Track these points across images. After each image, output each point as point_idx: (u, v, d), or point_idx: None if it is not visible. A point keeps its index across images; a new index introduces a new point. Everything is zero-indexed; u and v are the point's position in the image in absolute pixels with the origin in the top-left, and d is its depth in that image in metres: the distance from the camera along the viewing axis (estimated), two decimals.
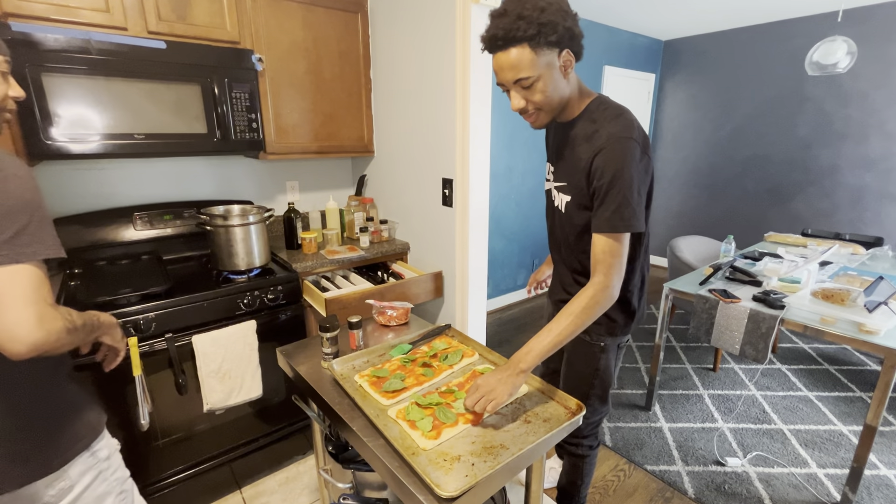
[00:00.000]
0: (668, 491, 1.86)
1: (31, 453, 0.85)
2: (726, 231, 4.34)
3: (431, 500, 0.74)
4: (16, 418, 0.84)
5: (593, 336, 1.24)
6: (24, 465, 0.84)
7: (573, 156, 1.09)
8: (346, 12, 2.08)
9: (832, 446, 2.10)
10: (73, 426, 0.91)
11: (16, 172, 0.77)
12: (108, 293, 1.49)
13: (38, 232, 0.78)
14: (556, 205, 1.20)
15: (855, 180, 3.60)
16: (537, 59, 0.95)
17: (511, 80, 0.99)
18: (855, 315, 1.71)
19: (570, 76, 1.03)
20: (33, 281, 0.76)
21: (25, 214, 0.77)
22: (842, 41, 2.26)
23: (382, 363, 1.15)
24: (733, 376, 2.70)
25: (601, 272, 1.03)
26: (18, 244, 0.76)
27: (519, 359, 0.99)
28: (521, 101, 1.02)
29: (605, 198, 1.01)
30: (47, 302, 0.78)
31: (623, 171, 0.98)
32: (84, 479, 0.92)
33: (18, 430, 0.84)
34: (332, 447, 1.18)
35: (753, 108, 4.04)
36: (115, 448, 1.03)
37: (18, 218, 0.76)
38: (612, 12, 3.57)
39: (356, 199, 2.43)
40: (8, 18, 1.39)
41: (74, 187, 1.82)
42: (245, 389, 1.66)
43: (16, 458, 0.83)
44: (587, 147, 1.04)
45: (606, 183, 1.00)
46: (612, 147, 0.99)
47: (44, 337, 0.76)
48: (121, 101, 1.53)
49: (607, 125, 1.02)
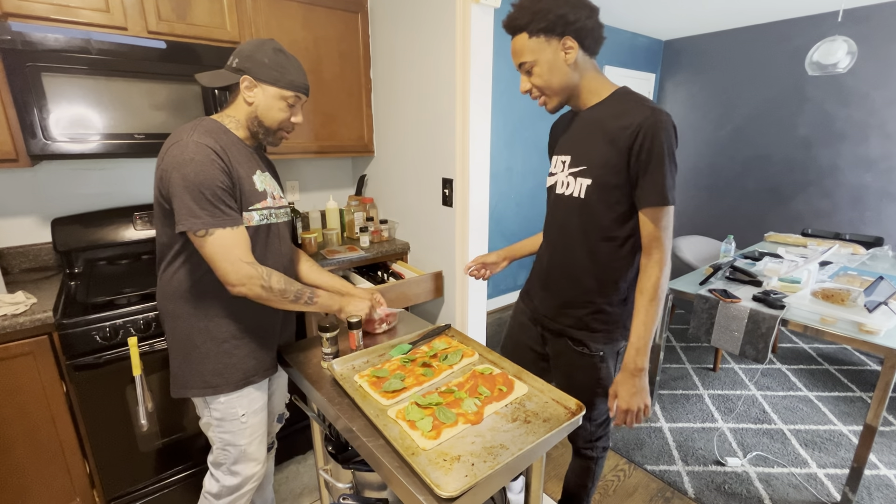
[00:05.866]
0: (668, 491, 1.86)
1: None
2: (726, 231, 4.34)
3: (431, 500, 0.74)
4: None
5: (592, 347, 1.21)
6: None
7: (601, 134, 1.07)
8: (346, 12, 2.08)
9: (832, 446, 2.10)
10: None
11: (192, 157, 1.00)
12: (108, 293, 1.49)
13: (207, 207, 1.01)
14: (570, 193, 1.15)
15: (855, 180, 3.60)
16: (533, 44, 1.04)
17: (516, 63, 1.09)
18: (855, 315, 1.71)
19: (575, 63, 1.05)
20: (221, 246, 1.02)
21: (195, 192, 1.00)
22: (842, 41, 2.26)
23: (382, 363, 1.15)
24: (733, 376, 2.70)
25: (660, 247, 1.04)
26: (194, 215, 1.00)
27: (632, 361, 1.08)
28: (525, 83, 1.11)
29: (657, 168, 1.00)
30: (242, 260, 1.04)
31: (669, 144, 0.99)
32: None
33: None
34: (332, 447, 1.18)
35: (753, 108, 4.04)
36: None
37: (191, 195, 1.00)
38: (612, 12, 3.57)
39: (356, 199, 2.43)
40: (8, 18, 1.39)
41: (74, 187, 1.82)
42: None
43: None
44: (622, 122, 1.03)
45: (657, 154, 0.99)
46: (658, 119, 0.98)
47: (239, 289, 1.05)
48: (121, 101, 1.53)
49: (643, 104, 1.03)
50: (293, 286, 1.12)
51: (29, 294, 1.49)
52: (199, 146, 1.01)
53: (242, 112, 1.14)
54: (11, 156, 1.46)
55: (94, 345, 1.43)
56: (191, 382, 1.18)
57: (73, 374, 1.42)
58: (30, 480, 1.46)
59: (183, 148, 1.01)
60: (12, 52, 1.33)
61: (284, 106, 1.14)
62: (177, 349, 1.19)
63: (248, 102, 1.12)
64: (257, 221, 1.14)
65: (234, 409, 1.21)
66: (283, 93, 1.13)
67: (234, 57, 1.13)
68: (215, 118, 1.14)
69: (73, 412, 1.48)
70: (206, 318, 1.15)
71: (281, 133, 1.19)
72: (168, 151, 1.03)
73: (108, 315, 1.43)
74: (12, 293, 1.47)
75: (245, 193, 1.10)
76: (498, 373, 1.10)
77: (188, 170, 0.99)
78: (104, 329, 1.43)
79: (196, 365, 1.17)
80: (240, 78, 1.10)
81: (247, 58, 1.10)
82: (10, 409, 1.38)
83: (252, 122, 1.14)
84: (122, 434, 1.53)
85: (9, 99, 1.41)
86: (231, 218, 1.04)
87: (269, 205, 1.17)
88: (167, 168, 1.01)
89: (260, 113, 1.13)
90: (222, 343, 1.17)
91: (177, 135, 1.05)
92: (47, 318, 1.38)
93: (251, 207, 1.12)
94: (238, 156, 1.10)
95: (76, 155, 1.49)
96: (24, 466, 1.44)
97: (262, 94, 1.12)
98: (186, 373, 1.18)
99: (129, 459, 1.57)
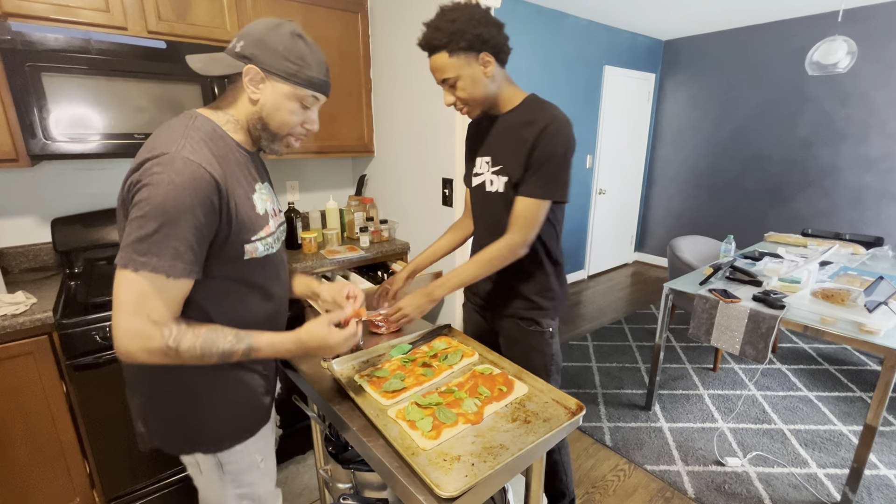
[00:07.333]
0: (668, 491, 1.86)
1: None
2: (726, 231, 4.34)
3: (431, 501, 0.74)
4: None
5: (544, 324, 1.33)
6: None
7: (516, 138, 1.20)
8: (346, 12, 2.09)
9: (832, 446, 2.10)
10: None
11: (172, 179, 0.74)
12: (108, 293, 1.48)
13: (160, 243, 0.74)
14: (494, 190, 1.28)
15: (855, 180, 3.60)
16: (455, 62, 1.13)
17: (439, 80, 1.18)
18: (855, 315, 1.71)
19: (493, 74, 1.17)
20: (137, 292, 0.74)
21: (155, 222, 0.73)
22: (842, 41, 2.26)
23: (382, 363, 1.15)
24: (733, 376, 2.70)
25: (519, 230, 1.19)
26: (136, 250, 0.74)
27: (433, 289, 1.22)
28: (449, 97, 1.20)
29: (543, 167, 1.16)
30: (150, 318, 0.75)
31: (561, 146, 1.15)
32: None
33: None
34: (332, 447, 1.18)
35: (753, 108, 4.04)
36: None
37: (147, 224, 0.73)
38: (612, 12, 3.57)
39: (356, 199, 2.43)
40: (8, 18, 1.39)
41: (74, 187, 1.82)
42: None
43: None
44: (530, 128, 1.17)
45: (548, 154, 1.15)
46: (556, 125, 1.15)
47: (132, 352, 0.76)
48: (121, 100, 1.53)
49: (547, 110, 1.18)
50: (217, 346, 0.81)
51: (29, 294, 1.49)
52: (189, 166, 0.76)
53: (243, 110, 0.89)
54: (11, 156, 1.46)
55: (94, 345, 1.43)
56: (200, 437, 0.94)
57: (73, 374, 1.42)
58: (30, 480, 1.46)
59: (168, 165, 0.75)
60: (12, 52, 1.33)
61: (298, 108, 0.90)
62: (167, 404, 0.92)
63: (252, 99, 0.88)
64: (261, 253, 0.91)
65: (253, 456, 1.00)
66: (298, 91, 0.88)
67: (238, 38, 0.87)
68: (209, 116, 0.89)
69: (73, 412, 1.49)
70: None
71: (288, 140, 0.95)
72: (148, 167, 0.75)
73: (109, 315, 1.43)
74: (12, 293, 1.47)
75: (244, 223, 0.86)
76: (498, 373, 1.10)
77: (159, 192, 0.73)
78: (104, 329, 1.43)
79: (202, 417, 0.93)
80: (244, 67, 0.85)
81: (256, 42, 0.85)
82: (11, 409, 1.38)
83: (255, 123, 0.90)
84: (122, 434, 1.53)
85: (9, 99, 1.41)
86: (175, 266, 0.75)
87: (272, 229, 0.94)
88: (142, 180, 0.75)
89: (266, 114, 0.89)
90: (238, 384, 0.95)
91: (163, 141, 0.79)
92: (47, 318, 1.38)
93: (254, 238, 0.88)
94: (237, 172, 0.87)
95: (76, 155, 1.49)
96: (24, 466, 1.44)
97: (270, 90, 0.87)
98: (190, 428, 0.93)
99: (129, 459, 1.56)
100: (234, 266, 0.87)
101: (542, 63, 3.58)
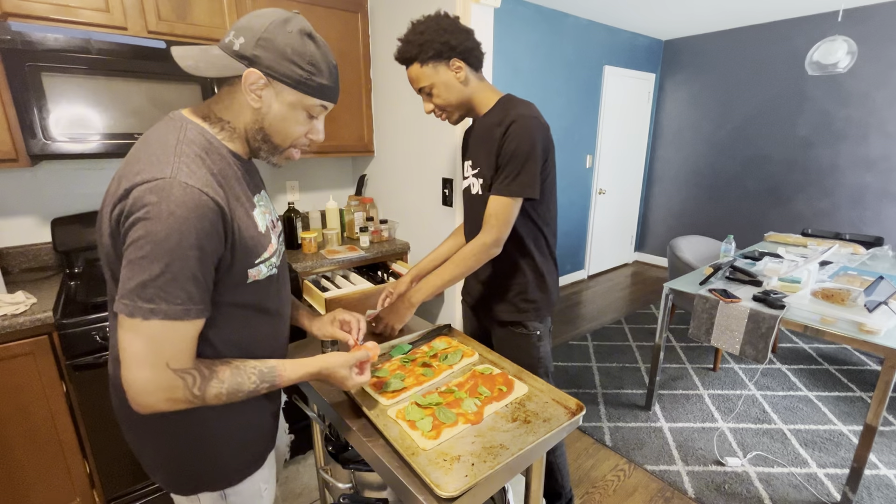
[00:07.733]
0: (668, 491, 1.86)
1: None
2: (726, 231, 4.34)
3: (431, 501, 0.74)
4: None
5: (530, 327, 1.34)
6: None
7: (489, 140, 1.23)
8: (346, 12, 2.08)
9: (832, 446, 2.10)
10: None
11: (172, 211, 0.64)
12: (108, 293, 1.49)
13: (168, 287, 0.65)
14: (476, 192, 1.31)
15: (855, 180, 3.60)
16: (427, 71, 1.18)
17: (416, 89, 1.23)
18: (855, 315, 1.71)
19: (466, 79, 1.21)
20: (150, 342, 0.66)
21: (159, 263, 0.64)
22: (842, 41, 2.26)
23: (382, 363, 1.15)
24: (733, 376, 2.70)
25: (490, 229, 1.20)
26: (142, 297, 0.65)
27: (411, 294, 1.24)
28: (428, 105, 1.25)
29: (508, 165, 1.17)
30: (169, 367, 0.68)
31: (526, 143, 1.15)
32: None
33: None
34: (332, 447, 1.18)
35: (753, 108, 4.04)
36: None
37: (150, 266, 0.64)
38: (612, 12, 3.57)
39: (356, 199, 2.43)
40: (8, 18, 1.39)
41: (74, 187, 1.82)
42: None
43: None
44: (499, 128, 1.19)
45: (511, 152, 1.16)
46: (520, 123, 1.16)
47: (154, 405, 0.69)
48: (121, 100, 1.53)
49: (516, 109, 1.19)
50: (243, 389, 0.77)
51: (29, 294, 1.49)
52: (190, 193, 0.66)
53: (242, 118, 0.79)
54: (11, 156, 1.46)
55: (94, 345, 1.43)
56: (207, 477, 0.86)
57: (73, 374, 1.42)
58: (30, 480, 1.46)
59: (165, 194, 0.65)
60: (12, 52, 1.33)
61: (304, 118, 0.81)
62: (175, 446, 0.84)
63: (252, 107, 0.77)
64: (265, 274, 0.83)
65: (257, 487, 0.93)
66: (306, 101, 0.79)
67: (237, 32, 0.74)
68: (200, 123, 0.79)
69: (73, 412, 1.49)
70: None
71: (290, 152, 0.86)
72: (140, 195, 0.65)
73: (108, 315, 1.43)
74: (12, 293, 1.47)
75: (247, 247, 0.77)
76: (498, 373, 1.10)
77: (160, 228, 0.64)
78: (104, 329, 1.43)
79: (210, 456, 0.85)
80: (245, 71, 0.73)
81: (260, 40, 0.73)
82: (11, 409, 1.38)
83: (254, 134, 0.80)
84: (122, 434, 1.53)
85: (9, 99, 1.41)
86: (189, 310, 0.68)
87: (275, 247, 0.86)
88: (136, 214, 0.65)
89: (268, 124, 0.79)
90: (244, 412, 0.87)
91: (153, 161, 0.68)
92: (47, 318, 1.38)
93: (258, 261, 0.80)
94: (237, 189, 0.78)
95: (76, 155, 1.49)
96: (24, 466, 1.44)
97: (274, 97, 0.77)
98: (197, 470, 0.86)
99: (129, 459, 1.56)
100: (235, 291, 0.79)
101: (543, 63, 3.58)
